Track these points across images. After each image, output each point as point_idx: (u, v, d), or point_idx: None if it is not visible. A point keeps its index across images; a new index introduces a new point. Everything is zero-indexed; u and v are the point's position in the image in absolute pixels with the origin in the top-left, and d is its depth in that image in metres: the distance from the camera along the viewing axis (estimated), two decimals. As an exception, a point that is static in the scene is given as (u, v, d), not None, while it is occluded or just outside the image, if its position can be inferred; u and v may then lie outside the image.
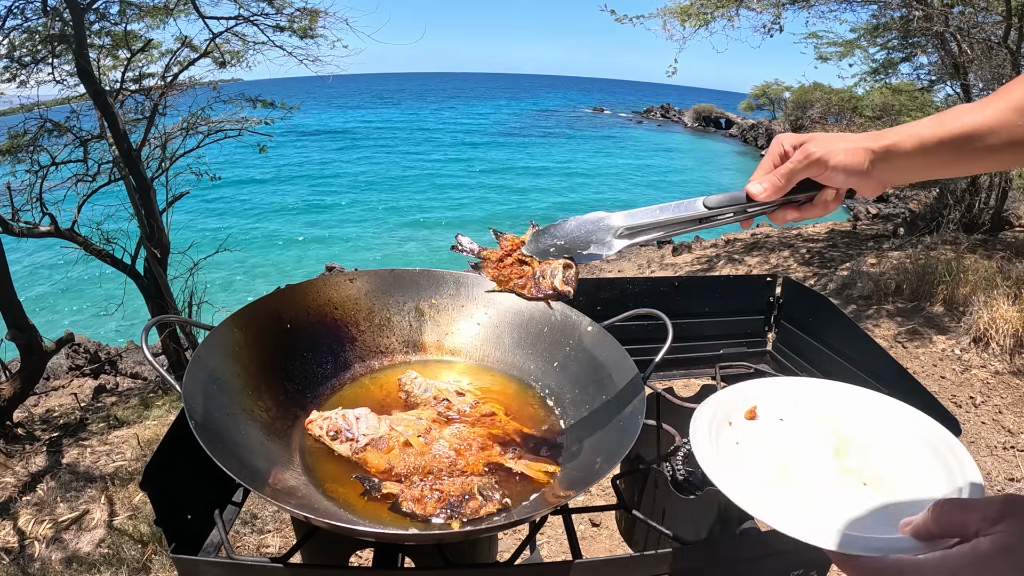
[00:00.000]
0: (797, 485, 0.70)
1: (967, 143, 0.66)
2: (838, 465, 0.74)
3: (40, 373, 3.84)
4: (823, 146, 0.71)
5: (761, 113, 25.85)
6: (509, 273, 0.78)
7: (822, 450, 0.76)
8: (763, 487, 0.69)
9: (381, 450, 0.84)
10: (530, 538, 0.88)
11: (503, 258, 0.80)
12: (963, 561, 0.43)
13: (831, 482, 0.71)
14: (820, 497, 0.68)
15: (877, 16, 5.91)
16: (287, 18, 5.29)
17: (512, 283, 0.77)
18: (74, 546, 2.58)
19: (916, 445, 0.78)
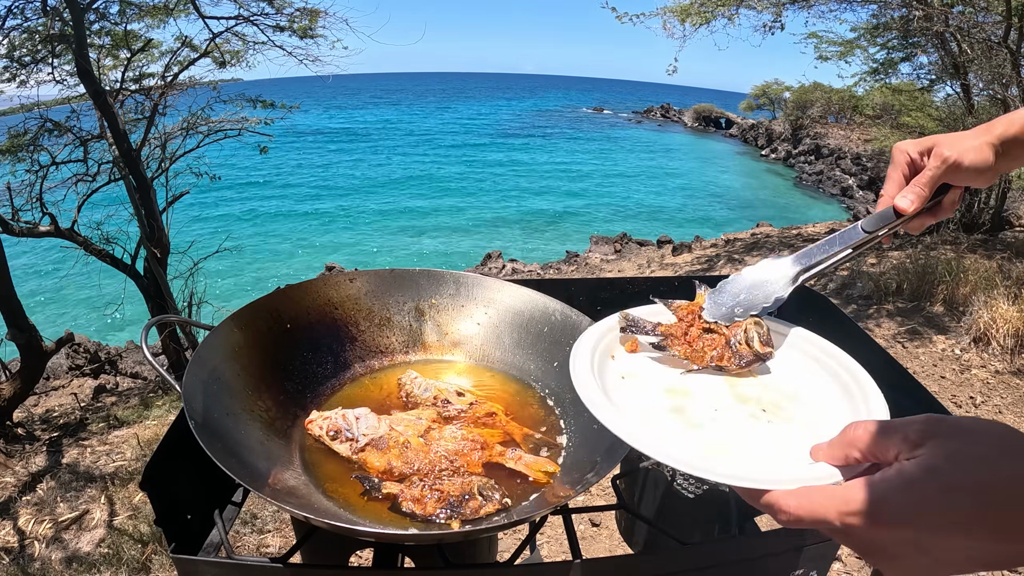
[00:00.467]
0: (693, 419, 0.66)
1: None
2: (734, 394, 0.71)
3: (40, 373, 3.84)
4: (954, 148, 0.72)
5: (761, 113, 25.90)
6: (702, 347, 0.75)
7: (714, 380, 0.73)
8: (658, 424, 0.65)
9: (381, 450, 0.84)
10: (530, 538, 0.88)
11: (687, 331, 0.77)
12: (889, 485, 0.41)
13: (730, 413, 0.67)
14: (720, 430, 0.64)
15: (877, 16, 5.92)
16: (287, 18, 5.29)
17: (708, 357, 0.74)
18: (74, 546, 2.58)
19: (816, 371, 0.76)
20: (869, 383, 0.70)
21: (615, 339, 0.78)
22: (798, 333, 0.81)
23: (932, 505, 0.39)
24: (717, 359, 0.74)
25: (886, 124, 7.64)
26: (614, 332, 0.79)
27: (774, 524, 0.62)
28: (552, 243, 13.74)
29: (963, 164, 0.72)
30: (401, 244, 14.45)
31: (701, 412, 0.67)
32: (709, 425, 0.65)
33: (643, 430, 0.60)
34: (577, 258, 9.39)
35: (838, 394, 0.71)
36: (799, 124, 21.82)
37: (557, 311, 1.05)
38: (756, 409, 0.68)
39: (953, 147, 0.72)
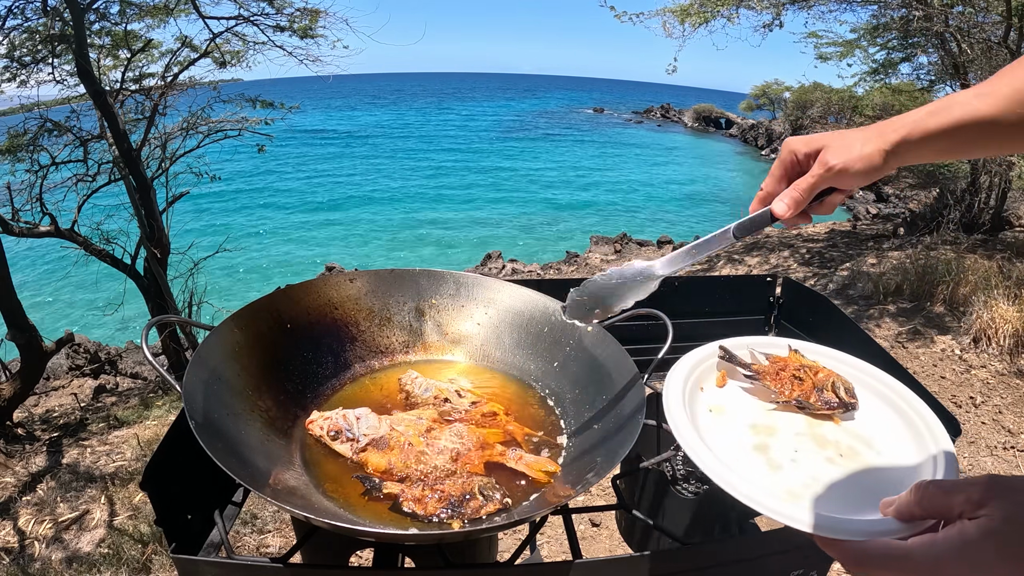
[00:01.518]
0: (775, 460, 0.69)
1: (972, 131, 0.66)
2: (812, 435, 0.73)
3: (40, 373, 3.83)
4: (840, 156, 0.71)
5: (761, 113, 25.88)
6: (791, 387, 0.80)
7: (796, 420, 0.76)
8: (741, 462, 0.68)
9: (382, 450, 0.84)
10: (530, 538, 0.88)
11: (778, 373, 0.82)
12: (949, 545, 0.43)
13: (807, 455, 0.70)
14: (797, 473, 0.67)
15: (877, 16, 5.91)
16: (287, 18, 5.29)
17: (794, 394, 0.78)
18: (74, 546, 2.58)
19: (887, 411, 0.78)
20: (938, 427, 0.72)
21: (705, 371, 0.83)
22: (872, 372, 0.84)
23: (987, 567, 0.42)
24: (804, 397, 0.77)
25: (886, 124, 7.61)
26: (704, 365, 0.83)
27: (774, 524, 0.62)
28: (552, 243, 13.74)
29: (849, 172, 0.71)
30: (401, 244, 14.45)
31: (782, 453, 0.70)
32: (789, 467, 0.68)
33: (728, 469, 0.64)
34: (577, 258, 9.38)
35: (908, 438, 0.73)
36: (799, 124, 21.80)
37: (557, 311, 1.05)
38: (834, 453, 0.71)
39: (840, 154, 0.71)
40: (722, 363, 0.84)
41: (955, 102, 0.67)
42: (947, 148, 0.69)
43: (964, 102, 0.66)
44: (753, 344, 0.89)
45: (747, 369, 0.83)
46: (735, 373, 0.83)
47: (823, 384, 0.79)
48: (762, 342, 0.89)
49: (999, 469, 2.82)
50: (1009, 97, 0.63)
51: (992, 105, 0.64)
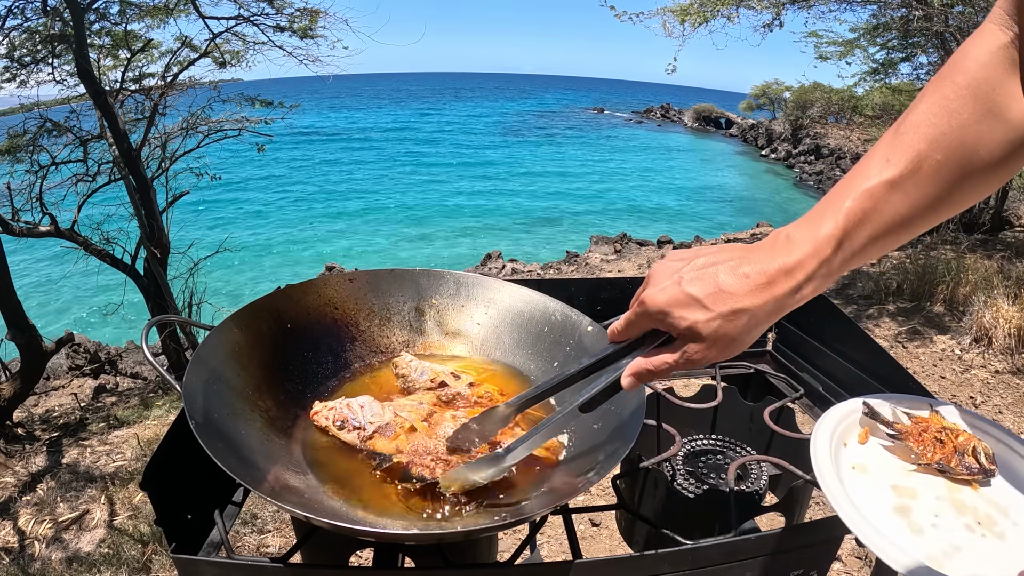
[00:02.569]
0: (915, 524, 0.69)
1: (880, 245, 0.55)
2: (952, 500, 0.73)
3: (40, 373, 3.84)
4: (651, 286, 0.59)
5: (761, 113, 25.91)
6: (933, 449, 0.80)
7: (936, 483, 0.76)
8: (883, 523, 0.69)
9: (388, 437, 0.85)
10: (530, 538, 0.88)
11: (920, 434, 0.82)
12: None
13: (947, 520, 0.70)
14: (939, 540, 0.67)
15: (877, 16, 5.92)
16: (287, 18, 5.29)
17: (936, 457, 0.79)
18: (74, 546, 2.58)
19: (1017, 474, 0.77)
20: None
21: (849, 427, 0.83)
22: (1007, 439, 0.83)
23: None
24: (945, 460, 0.77)
25: (885, 124, 7.64)
26: (848, 421, 0.83)
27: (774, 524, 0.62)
28: (552, 243, 13.74)
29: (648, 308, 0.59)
30: (401, 244, 14.45)
31: (923, 517, 0.71)
32: (929, 531, 0.69)
33: (872, 528, 0.65)
34: (577, 258, 9.38)
35: None
36: (799, 124, 21.82)
37: (557, 311, 1.05)
38: (972, 521, 0.70)
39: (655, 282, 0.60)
40: (865, 419, 0.84)
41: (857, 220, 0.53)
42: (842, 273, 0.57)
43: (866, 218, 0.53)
44: (895, 401, 0.89)
45: (890, 428, 0.83)
46: (877, 430, 0.83)
47: (964, 448, 0.79)
48: (903, 400, 0.89)
49: (999, 469, 2.82)
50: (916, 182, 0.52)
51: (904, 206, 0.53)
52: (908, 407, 0.87)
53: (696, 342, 0.57)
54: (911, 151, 0.52)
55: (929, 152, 0.51)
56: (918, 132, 0.52)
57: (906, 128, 0.53)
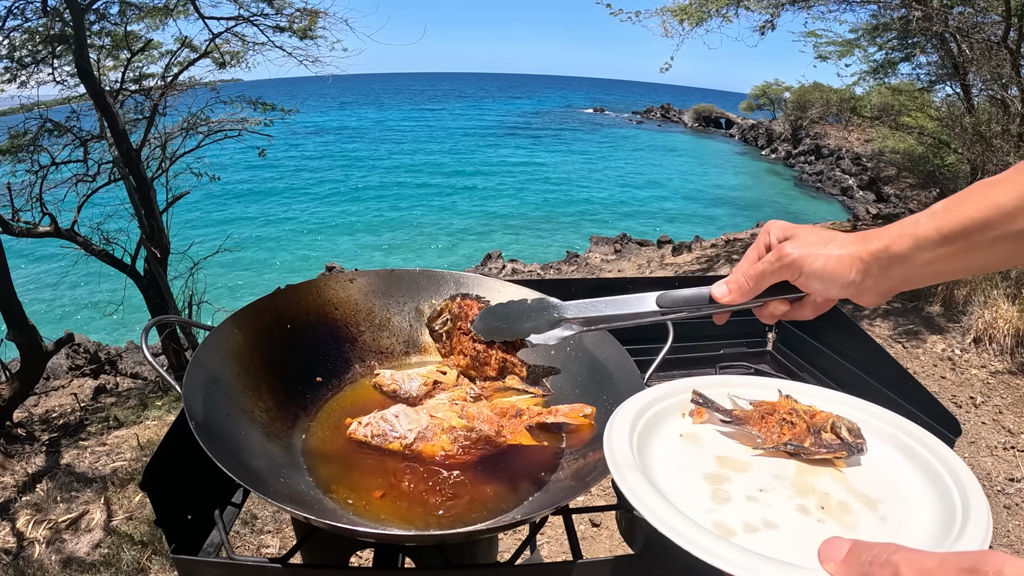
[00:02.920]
0: (725, 493, 0.59)
1: (979, 233, 0.54)
2: (796, 481, 0.62)
3: (40, 373, 3.83)
4: (801, 248, 0.62)
5: (761, 113, 25.88)
6: (780, 431, 0.70)
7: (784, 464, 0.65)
8: (678, 483, 0.60)
9: (430, 440, 0.86)
10: (530, 538, 0.88)
11: (764, 417, 0.73)
12: None
13: (777, 498, 0.59)
14: (749, 513, 0.57)
15: (877, 16, 5.92)
16: (287, 19, 5.29)
17: (784, 438, 0.69)
18: (73, 547, 2.58)
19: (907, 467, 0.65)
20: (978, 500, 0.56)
21: (681, 403, 0.74)
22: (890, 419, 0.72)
23: None
24: (797, 440, 0.67)
25: (885, 125, 7.64)
26: (679, 397, 0.75)
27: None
28: (552, 243, 13.74)
29: (804, 268, 0.61)
30: (401, 244, 14.45)
31: (740, 488, 0.60)
32: (739, 502, 0.58)
33: (644, 482, 0.55)
34: (577, 258, 9.38)
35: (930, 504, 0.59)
36: (799, 124, 21.81)
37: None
38: (813, 504, 0.59)
39: (802, 247, 0.62)
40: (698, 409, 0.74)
41: (959, 201, 0.55)
42: (953, 263, 0.56)
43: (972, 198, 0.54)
44: (735, 387, 0.77)
45: (727, 415, 0.72)
46: (715, 417, 0.73)
47: (821, 425, 0.68)
48: (747, 383, 0.79)
49: (999, 469, 2.82)
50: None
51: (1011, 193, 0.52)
52: (751, 392, 0.76)
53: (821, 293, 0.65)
54: None
55: None
56: None
57: None
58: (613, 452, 0.61)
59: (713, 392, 0.75)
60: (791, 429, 0.68)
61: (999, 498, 2.65)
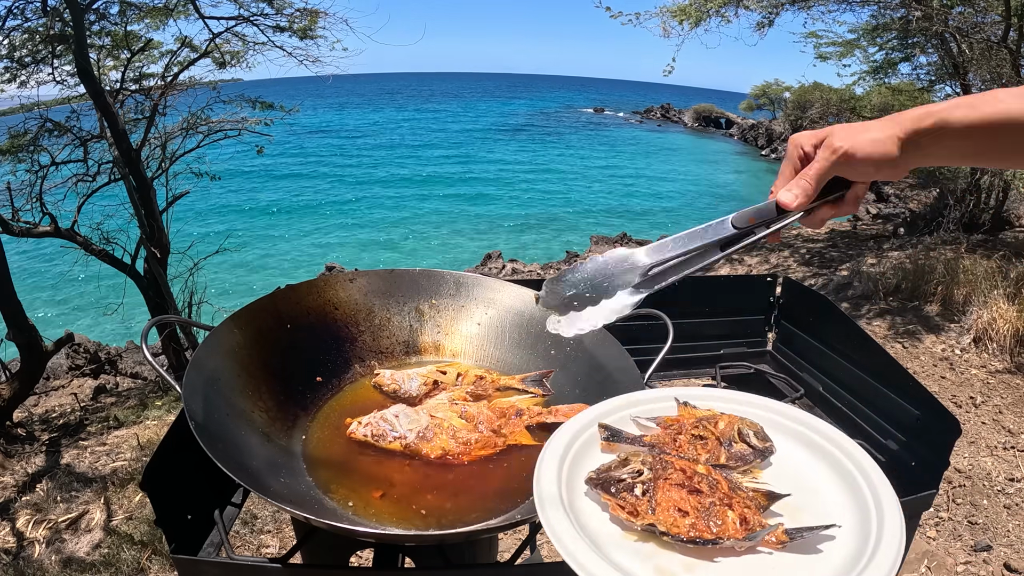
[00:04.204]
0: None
1: (1001, 131, 0.60)
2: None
3: (40, 373, 3.83)
4: (847, 139, 0.66)
5: (761, 113, 25.87)
6: (696, 450, 0.68)
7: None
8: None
9: (430, 439, 0.87)
10: (530, 538, 0.88)
11: (675, 438, 0.70)
12: None
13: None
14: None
15: (876, 16, 5.92)
16: (287, 18, 5.29)
17: (702, 458, 0.66)
18: (72, 547, 2.58)
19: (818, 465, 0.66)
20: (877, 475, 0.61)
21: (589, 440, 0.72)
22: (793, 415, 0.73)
23: None
24: (714, 459, 0.66)
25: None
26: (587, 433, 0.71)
27: (774, 524, 0.61)
28: (552, 243, 13.74)
29: (856, 155, 0.65)
30: (401, 244, 14.44)
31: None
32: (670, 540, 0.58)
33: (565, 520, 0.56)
34: (577, 258, 9.38)
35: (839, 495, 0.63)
36: (799, 124, 21.80)
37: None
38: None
39: (847, 138, 0.66)
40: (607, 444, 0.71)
41: (985, 99, 0.61)
42: (972, 150, 0.63)
43: (996, 100, 0.60)
44: (633, 407, 0.76)
45: (639, 443, 0.70)
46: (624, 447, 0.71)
47: (728, 435, 0.68)
48: (643, 399, 0.77)
49: (999, 469, 2.82)
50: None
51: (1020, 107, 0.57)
52: (650, 408, 0.76)
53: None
54: None
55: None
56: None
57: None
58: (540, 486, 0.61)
59: (617, 418, 0.74)
60: (704, 446, 0.68)
61: (999, 498, 2.65)
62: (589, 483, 0.64)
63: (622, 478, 0.63)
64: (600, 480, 0.64)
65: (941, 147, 0.65)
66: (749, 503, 0.60)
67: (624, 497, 0.61)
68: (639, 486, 0.62)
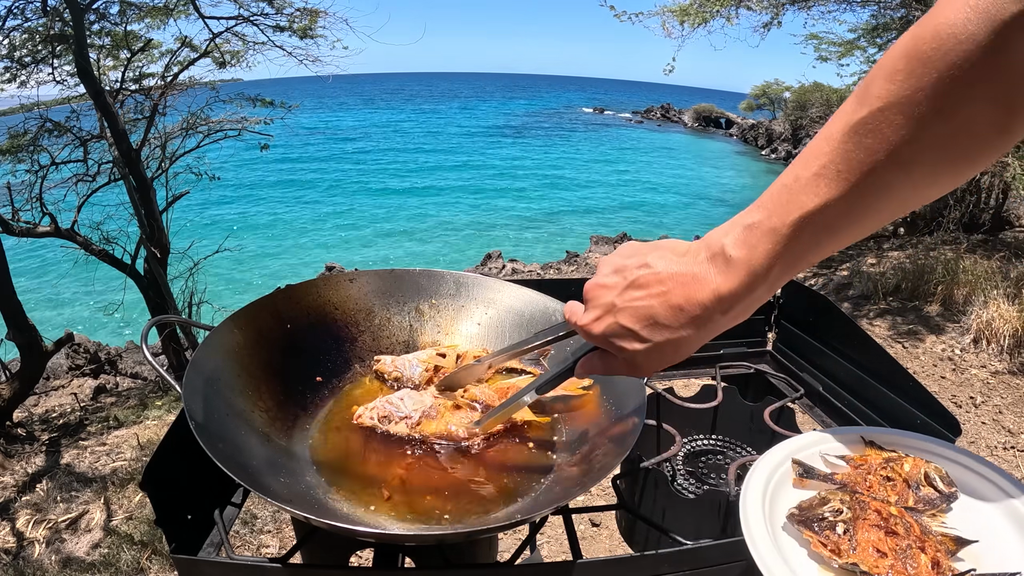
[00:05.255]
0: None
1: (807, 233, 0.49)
2: None
3: (40, 373, 3.83)
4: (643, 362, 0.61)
5: (761, 113, 25.91)
6: (886, 492, 0.70)
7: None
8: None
9: (434, 418, 0.88)
10: (530, 538, 0.88)
11: (866, 478, 0.73)
12: None
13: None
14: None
15: (877, 16, 5.92)
16: (287, 18, 5.30)
17: (892, 499, 0.68)
18: (72, 547, 2.58)
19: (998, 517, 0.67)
20: None
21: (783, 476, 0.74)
22: (967, 462, 0.74)
23: None
24: (903, 501, 0.68)
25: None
26: (781, 470, 0.75)
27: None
28: (552, 243, 13.74)
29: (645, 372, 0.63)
30: (401, 244, 14.45)
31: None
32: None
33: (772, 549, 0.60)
34: (577, 258, 9.38)
35: (1016, 540, 0.63)
36: (799, 124, 21.82)
37: (558, 311, 1.05)
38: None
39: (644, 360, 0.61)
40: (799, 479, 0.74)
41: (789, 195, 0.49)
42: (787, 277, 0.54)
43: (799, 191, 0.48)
44: (822, 444, 0.78)
45: (831, 481, 0.73)
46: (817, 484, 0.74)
47: (915, 478, 0.69)
48: (828, 438, 0.80)
49: (999, 469, 2.83)
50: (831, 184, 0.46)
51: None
52: (837, 446, 0.78)
53: (635, 364, 0.60)
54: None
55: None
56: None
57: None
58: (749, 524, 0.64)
59: (807, 454, 0.77)
60: (892, 487, 0.70)
61: (999, 498, 2.65)
62: (791, 519, 0.66)
63: (824, 516, 0.64)
64: (803, 517, 0.65)
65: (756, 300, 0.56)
66: (940, 547, 0.61)
67: (827, 535, 0.62)
68: (840, 525, 0.63)
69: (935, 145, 0.44)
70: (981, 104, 0.42)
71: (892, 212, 0.49)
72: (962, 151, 0.44)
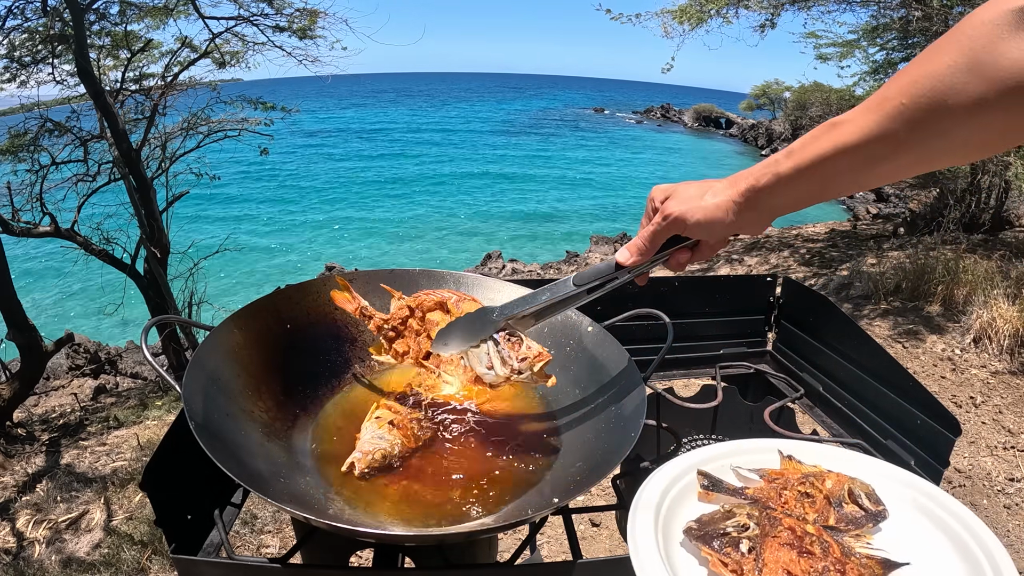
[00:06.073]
0: None
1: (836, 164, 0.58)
2: None
3: (40, 373, 3.83)
4: (681, 204, 0.69)
5: (761, 113, 25.87)
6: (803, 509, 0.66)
7: None
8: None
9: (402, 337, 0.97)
10: (530, 538, 0.88)
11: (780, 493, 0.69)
12: None
13: None
14: None
15: (876, 16, 5.92)
16: (287, 18, 5.30)
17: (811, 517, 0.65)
18: (73, 547, 2.58)
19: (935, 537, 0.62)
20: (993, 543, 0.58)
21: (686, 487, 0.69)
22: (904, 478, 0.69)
23: None
24: (823, 520, 0.63)
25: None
26: (684, 480, 0.69)
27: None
28: (552, 243, 13.74)
29: (687, 221, 0.68)
30: (401, 244, 14.45)
31: None
32: None
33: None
34: (577, 258, 9.38)
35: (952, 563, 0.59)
36: (799, 124, 21.81)
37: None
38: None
39: (682, 203, 0.68)
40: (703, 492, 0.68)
41: (820, 134, 0.59)
42: (813, 191, 0.62)
43: (833, 130, 0.59)
44: (734, 456, 0.73)
45: (740, 495, 0.67)
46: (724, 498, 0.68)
47: (838, 495, 0.64)
48: (745, 449, 0.74)
49: (999, 469, 2.82)
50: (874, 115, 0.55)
51: (853, 132, 0.57)
52: (752, 459, 0.72)
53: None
54: (878, 95, 0.56)
55: (896, 96, 0.55)
56: (893, 81, 0.56)
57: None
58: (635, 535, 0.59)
59: (716, 466, 0.71)
60: (812, 504, 0.65)
61: (999, 498, 2.65)
62: (688, 534, 0.61)
63: (727, 531, 0.59)
64: (702, 532, 0.60)
65: (778, 199, 0.64)
66: (863, 570, 0.56)
67: (728, 553, 0.57)
68: (745, 542, 0.57)
69: None
70: None
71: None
72: None
